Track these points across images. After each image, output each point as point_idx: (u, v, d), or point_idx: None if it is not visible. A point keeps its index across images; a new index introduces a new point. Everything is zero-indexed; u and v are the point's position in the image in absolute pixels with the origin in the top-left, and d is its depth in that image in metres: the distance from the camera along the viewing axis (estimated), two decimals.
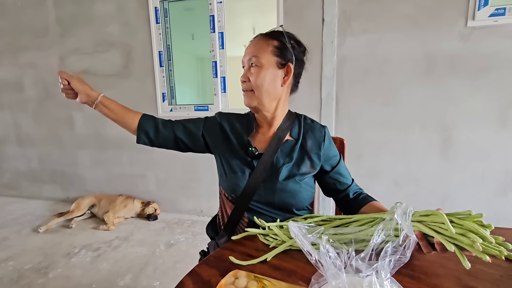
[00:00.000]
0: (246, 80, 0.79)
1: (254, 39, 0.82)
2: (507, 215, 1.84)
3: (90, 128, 2.67)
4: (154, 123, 0.91)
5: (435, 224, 0.48)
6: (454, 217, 0.49)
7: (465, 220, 0.47)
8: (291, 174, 0.81)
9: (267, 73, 0.77)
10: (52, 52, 2.61)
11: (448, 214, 0.50)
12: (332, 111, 2.04)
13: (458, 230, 0.46)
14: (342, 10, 1.92)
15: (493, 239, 0.44)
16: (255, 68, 0.77)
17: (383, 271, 0.35)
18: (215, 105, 2.33)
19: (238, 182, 0.81)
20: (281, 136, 0.83)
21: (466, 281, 0.51)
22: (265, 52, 0.77)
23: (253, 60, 0.77)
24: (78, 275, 1.66)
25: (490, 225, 0.47)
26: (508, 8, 1.65)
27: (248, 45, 0.82)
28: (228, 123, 0.89)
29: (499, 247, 0.45)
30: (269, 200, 0.80)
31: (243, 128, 0.87)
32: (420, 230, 0.49)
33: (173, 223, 2.36)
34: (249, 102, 0.81)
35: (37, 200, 2.93)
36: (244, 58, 0.80)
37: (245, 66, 0.81)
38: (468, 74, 1.77)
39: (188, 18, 2.65)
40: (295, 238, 0.41)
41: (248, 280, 0.42)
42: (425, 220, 0.50)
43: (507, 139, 1.77)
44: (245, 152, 0.83)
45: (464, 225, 0.46)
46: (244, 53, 0.81)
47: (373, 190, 2.01)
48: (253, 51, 0.78)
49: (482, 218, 0.48)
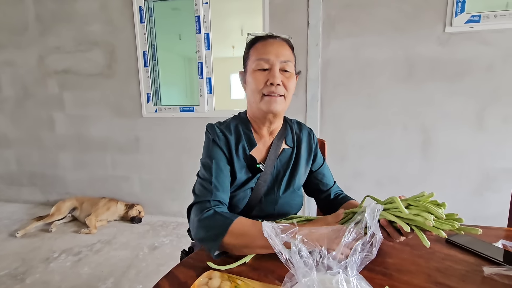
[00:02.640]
0: (281, 84, 0.72)
1: (277, 40, 0.75)
2: (483, 214, 1.91)
3: (72, 128, 2.59)
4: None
5: (395, 210, 0.51)
6: (410, 201, 0.53)
7: (420, 201, 0.50)
8: (290, 184, 0.81)
9: (294, 81, 0.75)
10: (32, 50, 2.52)
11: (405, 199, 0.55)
12: (317, 113, 2.07)
13: (413, 211, 0.50)
14: (326, 13, 1.95)
15: (444, 215, 0.48)
16: (288, 73, 0.73)
17: (351, 268, 0.36)
18: (200, 106, 2.31)
19: (238, 204, 0.77)
20: (278, 145, 0.81)
21: (435, 277, 0.53)
22: (293, 59, 0.76)
23: (289, 65, 0.73)
24: (57, 280, 1.61)
25: (444, 204, 0.51)
26: (483, 15, 1.73)
27: (272, 44, 0.73)
28: (229, 138, 0.77)
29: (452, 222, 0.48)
30: (269, 212, 0.80)
31: (244, 141, 0.78)
32: (384, 218, 0.52)
33: (158, 226, 2.32)
34: (277, 106, 0.72)
35: (14, 204, 2.82)
36: (274, 58, 0.71)
37: (272, 67, 0.71)
38: (446, 78, 1.84)
39: (175, 18, 2.62)
40: (268, 237, 0.42)
41: (221, 280, 0.42)
42: (388, 207, 0.53)
43: (482, 140, 1.85)
44: (247, 167, 0.77)
45: (419, 206, 0.49)
46: (267, 51, 0.72)
47: (356, 190, 2.06)
48: (287, 55, 0.73)
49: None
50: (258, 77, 0.72)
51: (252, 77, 0.73)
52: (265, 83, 0.72)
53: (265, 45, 0.73)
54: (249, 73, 0.75)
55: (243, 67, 0.80)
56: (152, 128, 2.42)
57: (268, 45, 0.73)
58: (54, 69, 2.51)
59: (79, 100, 2.52)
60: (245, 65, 0.79)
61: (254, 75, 0.73)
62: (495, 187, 1.87)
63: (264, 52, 0.72)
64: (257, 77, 0.72)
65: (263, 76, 0.72)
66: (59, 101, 2.56)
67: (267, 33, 0.76)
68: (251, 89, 0.75)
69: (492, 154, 1.84)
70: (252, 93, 0.75)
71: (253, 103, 0.76)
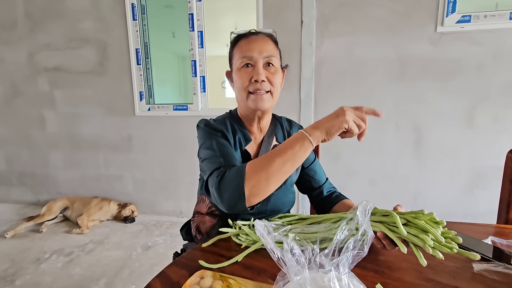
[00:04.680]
0: (266, 80, 0.72)
1: (259, 36, 0.74)
2: (473, 211, 1.95)
3: (63, 127, 2.55)
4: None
5: (393, 225, 0.51)
6: (409, 217, 0.52)
7: (419, 219, 0.50)
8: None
9: (279, 75, 0.75)
10: (21, 47, 2.47)
11: (403, 214, 0.53)
12: (311, 112, 2.07)
13: (412, 231, 0.49)
14: (320, 12, 1.96)
15: (442, 238, 0.47)
16: (272, 68, 0.73)
17: (342, 265, 0.36)
18: (194, 105, 2.30)
19: None
20: (268, 142, 0.82)
21: (426, 274, 0.54)
22: (277, 54, 0.75)
23: (272, 60, 0.73)
24: (48, 282, 1.58)
25: (442, 222, 0.51)
26: (474, 15, 1.75)
27: (255, 41, 0.73)
28: (226, 131, 0.77)
29: (451, 243, 0.48)
30: (261, 209, 0.79)
31: (240, 135, 0.79)
32: (381, 231, 0.52)
33: (151, 225, 2.30)
34: (264, 104, 0.73)
35: (4, 204, 2.76)
36: (257, 55, 0.71)
37: (255, 64, 0.72)
38: (437, 77, 1.86)
39: (168, 15, 2.60)
40: (260, 236, 0.42)
41: (213, 279, 0.42)
42: (385, 220, 0.53)
43: (473, 139, 1.88)
44: (242, 162, 0.77)
45: (418, 225, 0.49)
46: (250, 48, 0.72)
47: (350, 188, 2.08)
48: (270, 50, 0.73)
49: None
50: (242, 75, 0.72)
51: (237, 75, 0.74)
52: (250, 81, 0.72)
53: (248, 42, 0.73)
54: (234, 71, 0.76)
55: (229, 66, 0.80)
56: (145, 126, 2.40)
57: (251, 42, 0.73)
58: (45, 66, 2.46)
59: (71, 98, 2.48)
60: (231, 64, 0.79)
61: (239, 73, 0.73)
62: (484, 185, 1.91)
63: (247, 49, 0.72)
64: (241, 75, 0.73)
65: (247, 73, 0.72)
66: (49, 99, 2.52)
67: (249, 30, 0.76)
68: (238, 87, 0.75)
69: (482, 152, 1.87)
70: (238, 92, 0.76)
71: (240, 101, 0.77)
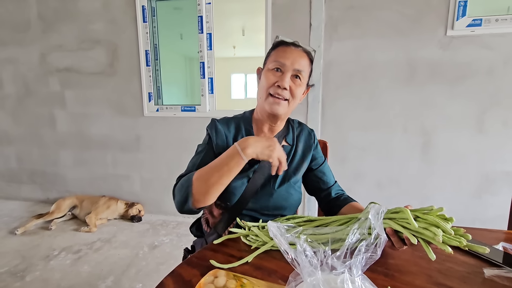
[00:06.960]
0: (288, 89, 0.76)
1: (298, 49, 0.78)
2: (482, 217, 1.92)
3: (73, 126, 2.60)
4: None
5: (403, 221, 0.52)
6: (419, 213, 0.53)
7: (429, 214, 0.50)
8: (286, 178, 0.84)
9: (302, 90, 0.80)
10: (34, 48, 2.52)
11: (413, 210, 0.54)
12: (318, 115, 2.07)
13: (422, 225, 0.50)
14: (329, 15, 1.96)
15: (452, 231, 0.48)
16: (298, 81, 0.77)
17: (355, 268, 0.36)
18: (202, 106, 2.32)
19: (234, 192, 0.78)
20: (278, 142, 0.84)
21: (436, 278, 0.54)
22: (307, 70, 0.79)
23: (301, 74, 0.77)
24: (57, 278, 1.61)
25: (451, 218, 0.51)
26: (485, 19, 1.74)
27: (293, 52, 0.77)
28: (229, 131, 0.83)
29: (459, 238, 0.48)
30: (264, 204, 0.81)
31: (243, 132, 0.84)
32: (390, 227, 0.52)
33: (158, 225, 2.33)
34: (279, 109, 0.77)
35: (14, 201, 2.82)
36: (289, 64, 0.75)
37: (285, 72, 0.76)
38: (447, 81, 1.85)
39: (176, 17, 2.63)
40: (273, 237, 0.42)
41: (227, 279, 0.43)
42: (395, 217, 0.54)
43: (482, 143, 1.86)
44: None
45: (428, 220, 0.50)
46: (285, 56, 0.76)
47: (356, 191, 2.07)
48: (302, 64, 0.76)
49: (457, 217, 0.52)
50: (269, 76, 0.77)
51: (265, 75, 0.79)
52: (274, 84, 0.76)
53: (286, 50, 0.77)
54: (264, 71, 0.81)
55: (263, 64, 0.85)
56: (153, 127, 2.43)
57: (288, 51, 0.77)
58: (56, 67, 2.51)
59: (81, 98, 2.53)
60: (265, 63, 0.83)
61: (267, 74, 0.78)
62: (494, 190, 1.88)
63: (283, 56, 0.76)
64: (269, 76, 0.77)
65: (275, 76, 0.77)
66: (60, 99, 2.57)
67: (293, 41, 0.80)
68: (261, 85, 0.80)
69: (492, 157, 1.85)
70: (260, 90, 0.81)
71: (259, 99, 0.81)
